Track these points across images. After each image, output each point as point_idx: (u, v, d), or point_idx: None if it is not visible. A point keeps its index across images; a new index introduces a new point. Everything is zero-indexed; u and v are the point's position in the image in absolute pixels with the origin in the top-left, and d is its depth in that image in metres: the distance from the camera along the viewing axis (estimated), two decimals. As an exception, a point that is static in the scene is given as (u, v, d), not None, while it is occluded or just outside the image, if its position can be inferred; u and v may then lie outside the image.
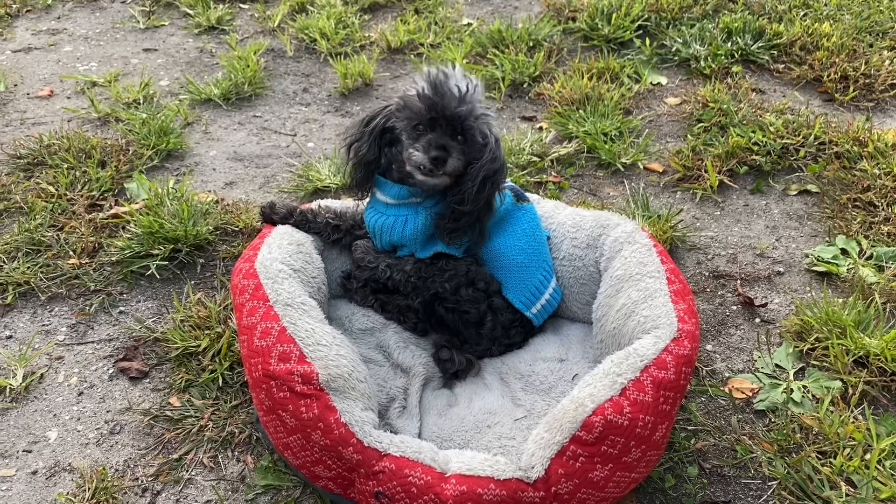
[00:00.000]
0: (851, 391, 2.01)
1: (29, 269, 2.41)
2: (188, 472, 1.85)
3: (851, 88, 3.35)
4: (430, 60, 3.63)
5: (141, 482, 1.82)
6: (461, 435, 1.81)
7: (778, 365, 2.13)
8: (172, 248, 2.46)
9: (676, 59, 3.64)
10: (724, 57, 3.56)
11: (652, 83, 3.49)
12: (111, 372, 2.11)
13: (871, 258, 2.47)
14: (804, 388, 2.04)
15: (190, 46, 3.89)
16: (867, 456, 1.81)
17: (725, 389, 2.07)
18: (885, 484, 1.75)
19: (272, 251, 1.90)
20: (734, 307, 2.35)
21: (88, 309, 2.31)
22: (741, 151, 2.94)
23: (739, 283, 2.43)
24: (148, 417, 1.97)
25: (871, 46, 3.64)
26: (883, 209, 2.65)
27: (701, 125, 3.14)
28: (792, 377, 2.08)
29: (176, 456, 1.88)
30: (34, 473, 1.85)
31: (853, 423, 1.91)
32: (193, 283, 2.40)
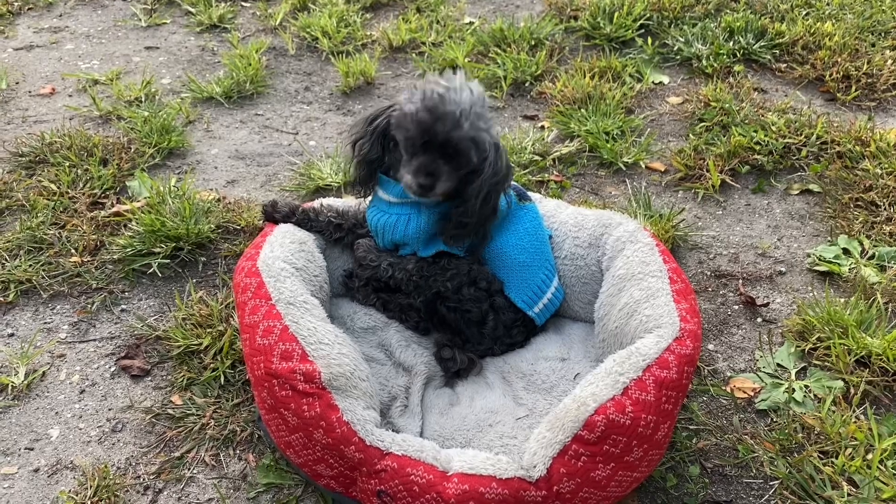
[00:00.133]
0: (853, 391, 2.01)
1: (31, 266, 2.41)
2: (190, 470, 1.85)
3: (853, 88, 3.34)
4: (431, 59, 3.63)
5: (143, 480, 1.82)
6: (463, 434, 1.81)
7: (780, 364, 2.13)
8: (174, 246, 2.46)
9: (678, 58, 3.63)
10: (725, 56, 3.56)
11: (654, 82, 3.48)
12: (113, 370, 2.12)
13: (872, 258, 2.47)
14: (806, 387, 2.04)
15: (191, 44, 3.88)
16: (869, 456, 1.81)
17: (727, 389, 2.07)
18: (886, 484, 1.75)
19: (274, 250, 1.90)
20: (736, 307, 2.35)
21: (90, 307, 2.31)
22: (743, 151, 2.94)
23: (741, 282, 2.43)
24: (150, 415, 1.97)
25: (873, 46, 3.63)
26: (885, 209, 2.65)
27: (703, 124, 3.14)
28: (794, 377, 2.08)
29: (178, 454, 1.88)
30: (36, 471, 1.85)
31: (855, 422, 1.91)
32: (195, 281, 2.40)
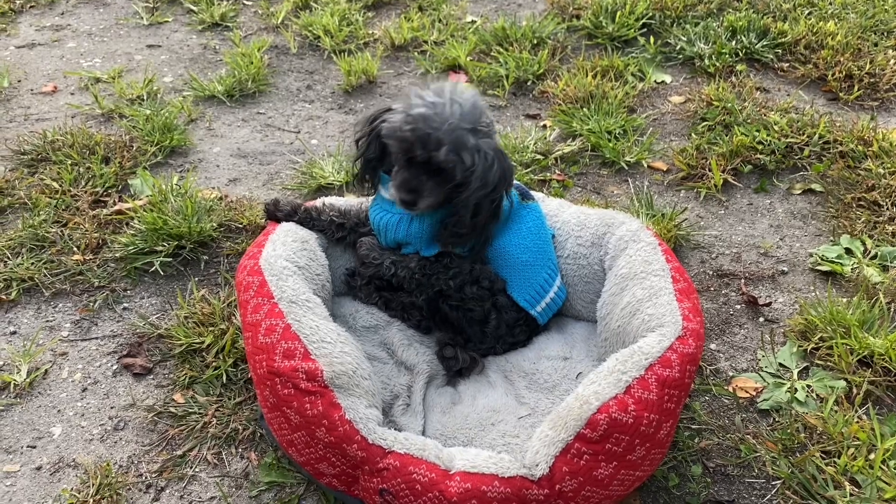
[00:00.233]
0: (856, 391, 2.01)
1: (33, 265, 2.41)
2: (192, 468, 1.85)
3: (856, 87, 3.34)
4: (433, 58, 3.63)
5: (145, 478, 1.82)
6: (465, 433, 1.81)
7: (782, 364, 2.12)
8: (176, 244, 2.46)
9: (681, 57, 3.63)
10: (728, 55, 3.56)
11: (656, 81, 3.48)
12: (115, 368, 2.12)
13: (875, 258, 2.47)
14: (808, 387, 2.04)
15: (193, 43, 3.88)
16: (871, 456, 1.81)
17: (729, 388, 2.07)
18: (889, 484, 1.75)
19: (276, 248, 1.90)
20: (738, 306, 2.35)
21: (92, 305, 2.31)
22: (745, 150, 2.94)
23: (743, 282, 2.43)
24: (152, 414, 1.97)
25: (875, 45, 3.63)
26: (887, 208, 2.65)
27: (705, 124, 3.14)
28: (796, 376, 2.08)
29: (180, 452, 1.88)
30: (38, 469, 1.85)
31: (857, 422, 1.90)
32: (197, 279, 2.41)
